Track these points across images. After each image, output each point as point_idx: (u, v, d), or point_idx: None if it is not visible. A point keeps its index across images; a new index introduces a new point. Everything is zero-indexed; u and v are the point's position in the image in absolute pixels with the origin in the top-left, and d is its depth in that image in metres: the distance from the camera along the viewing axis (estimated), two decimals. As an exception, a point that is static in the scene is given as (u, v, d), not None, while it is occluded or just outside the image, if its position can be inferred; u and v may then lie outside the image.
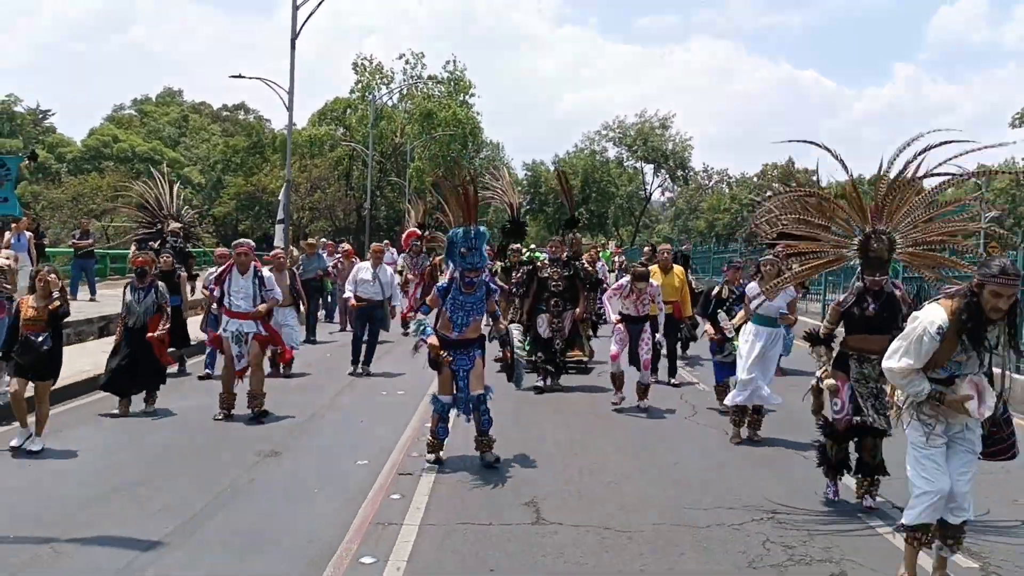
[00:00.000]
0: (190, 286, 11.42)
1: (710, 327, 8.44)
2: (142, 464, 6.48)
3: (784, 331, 7.94)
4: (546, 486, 5.98)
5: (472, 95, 56.21)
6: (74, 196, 41.61)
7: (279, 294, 8.80)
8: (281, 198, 24.12)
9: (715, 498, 5.77)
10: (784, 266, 7.13)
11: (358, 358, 11.03)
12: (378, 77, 55.12)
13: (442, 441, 6.59)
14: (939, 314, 4.12)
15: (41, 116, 63.94)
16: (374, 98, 50.60)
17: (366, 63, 55.18)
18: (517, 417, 8.18)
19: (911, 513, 4.27)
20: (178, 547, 4.69)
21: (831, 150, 5.86)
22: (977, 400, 4.13)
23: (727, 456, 7.12)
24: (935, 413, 4.24)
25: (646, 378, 8.92)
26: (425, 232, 15.92)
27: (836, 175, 5.89)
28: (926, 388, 4.18)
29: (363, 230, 42.68)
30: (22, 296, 7.10)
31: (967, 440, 4.30)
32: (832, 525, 5.27)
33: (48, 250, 18.27)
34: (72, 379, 9.07)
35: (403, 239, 16.43)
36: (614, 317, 8.88)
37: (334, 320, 16.77)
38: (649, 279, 8.97)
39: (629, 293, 8.78)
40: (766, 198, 7.55)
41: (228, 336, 8.16)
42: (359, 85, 54.93)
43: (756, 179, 62.52)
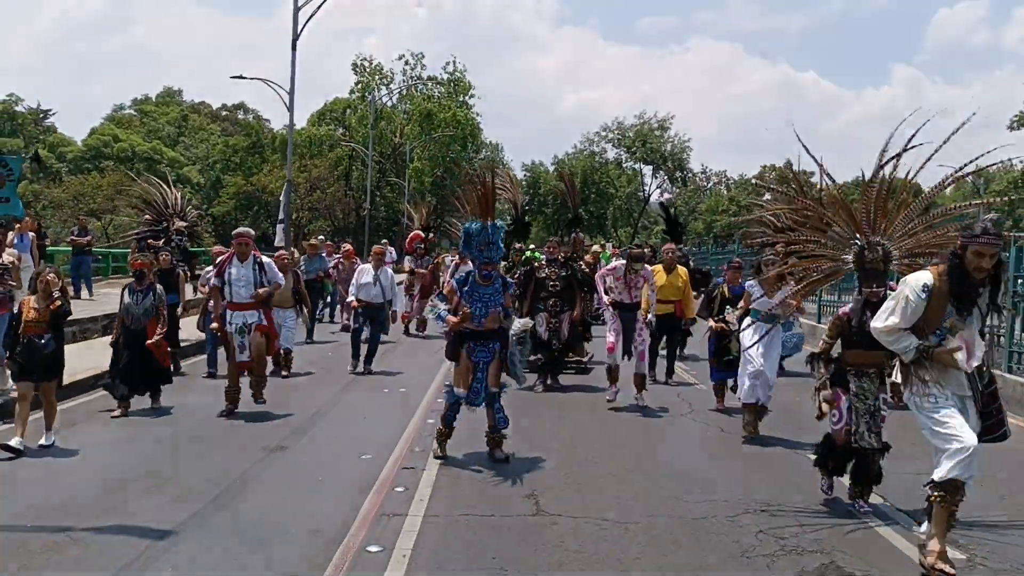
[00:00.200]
0: (190, 286, 11.48)
1: (713, 322, 8.57)
2: (150, 458, 6.63)
3: (784, 329, 7.92)
4: (546, 479, 6.15)
5: (472, 96, 56.52)
6: (75, 195, 41.75)
7: (282, 279, 8.88)
8: (282, 198, 24.23)
9: (710, 492, 5.93)
10: (782, 263, 7.16)
11: (358, 353, 11.04)
12: (377, 78, 55.35)
13: (452, 431, 6.69)
14: (925, 275, 4.30)
15: (42, 116, 64.03)
16: (373, 99, 50.75)
17: (366, 64, 55.46)
18: (517, 414, 8.29)
19: (940, 470, 4.24)
20: (191, 536, 4.84)
21: (816, 158, 6.02)
22: (966, 352, 4.21)
23: (722, 452, 7.29)
24: (931, 378, 4.30)
25: (643, 368, 9.02)
26: (429, 234, 16.06)
27: (836, 176, 5.97)
28: (913, 343, 4.30)
29: (362, 230, 42.83)
30: (24, 297, 7.08)
31: (968, 420, 4.37)
32: (824, 519, 5.42)
33: (49, 249, 18.43)
34: (80, 376, 9.22)
35: (407, 241, 16.56)
36: (605, 299, 8.97)
37: (335, 320, 16.90)
38: (644, 261, 9.06)
39: (622, 275, 8.86)
40: (764, 201, 7.65)
41: (232, 329, 8.24)
42: (359, 86, 55.15)
43: (754, 180, 62.66)
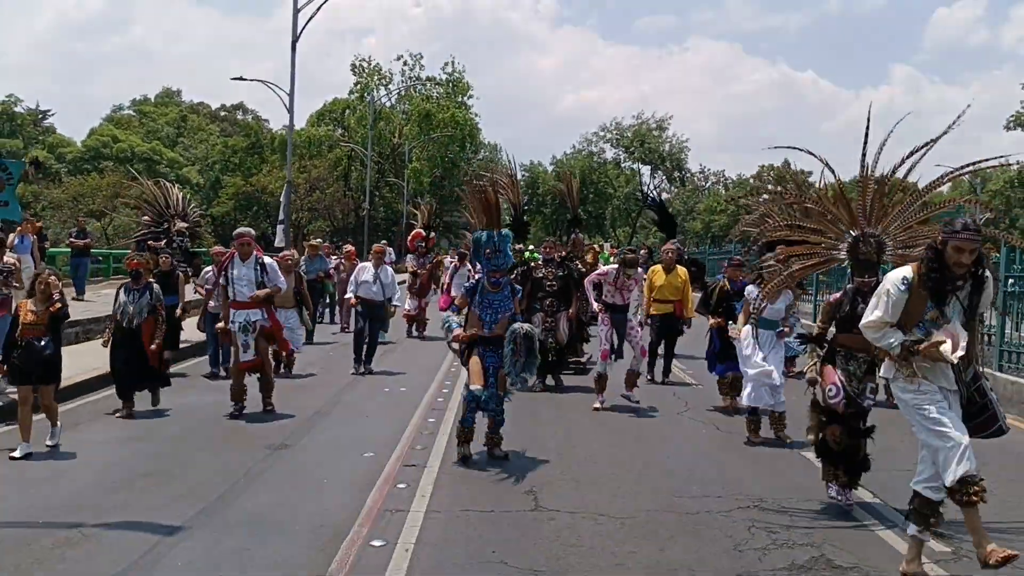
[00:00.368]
0: (190, 287, 11.52)
1: (713, 319, 8.66)
2: (155, 456, 6.77)
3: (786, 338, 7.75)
4: (544, 476, 6.30)
5: (471, 96, 56.67)
6: (74, 196, 41.82)
7: (283, 282, 8.97)
8: (282, 199, 24.37)
9: (704, 488, 6.08)
10: (783, 269, 7.25)
11: (360, 355, 11.15)
12: (376, 78, 55.49)
13: (471, 431, 6.72)
14: (906, 269, 4.44)
15: (41, 116, 64.12)
16: (372, 99, 50.87)
17: (364, 64, 55.60)
18: (516, 414, 8.43)
19: (948, 475, 4.24)
20: (199, 530, 4.99)
21: (818, 155, 6.14)
22: (951, 344, 4.26)
23: (718, 449, 7.44)
24: (919, 373, 4.38)
25: (638, 366, 9.08)
26: (430, 234, 16.18)
27: (833, 174, 6.10)
28: (898, 339, 4.39)
29: (361, 230, 42.96)
30: (21, 300, 7.02)
31: (952, 410, 4.43)
32: (815, 514, 5.56)
33: (49, 251, 18.56)
34: (84, 376, 9.36)
35: (409, 240, 16.68)
36: (596, 306, 9.03)
37: (334, 320, 17.01)
38: (638, 266, 9.16)
39: (615, 279, 8.94)
40: (760, 201, 7.73)
41: (235, 327, 8.33)
42: (358, 86, 55.29)
43: (752, 180, 62.80)
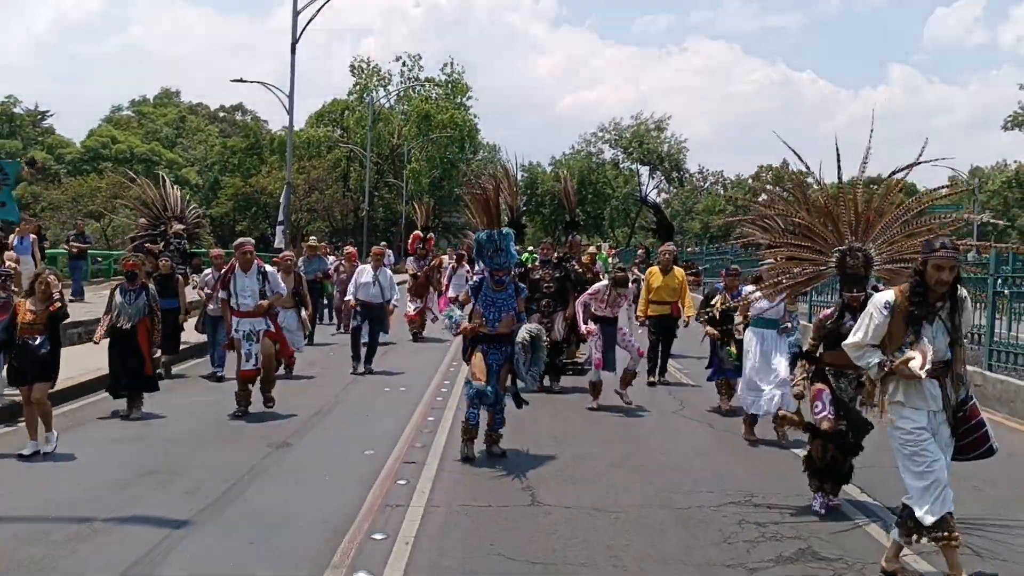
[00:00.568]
0: (190, 288, 11.64)
1: (710, 328, 8.76)
2: (160, 454, 6.91)
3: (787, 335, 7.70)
4: (541, 472, 6.46)
5: (470, 98, 56.86)
6: (74, 197, 42.01)
7: (283, 289, 9.10)
8: (281, 200, 24.50)
9: (697, 483, 6.25)
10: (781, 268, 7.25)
11: (358, 352, 11.23)
12: (375, 79, 55.65)
13: (476, 428, 6.81)
14: (889, 294, 4.59)
15: (40, 117, 64.24)
16: (371, 100, 51.03)
17: (363, 65, 55.76)
18: (513, 412, 8.59)
19: (925, 515, 4.35)
20: (206, 525, 5.15)
21: (805, 162, 6.29)
22: (921, 360, 4.37)
23: (711, 447, 7.60)
24: (901, 397, 4.49)
25: (635, 366, 9.15)
26: (428, 235, 16.26)
27: (831, 176, 6.18)
28: (876, 359, 4.54)
29: (361, 231, 43.11)
30: (18, 299, 7.01)
31: (940, 437, 4.58)
32: (804, 510, 5.68)
33: (49, 252, 18.70)
34: (87, 376, 9.47)
35: (410, 243, 16.77)
36: (584, 328, 9.01)
37: (332, 321, 16.98)
38: (628, 284, 9.26)
39: (606, 297, 9.03)
40: (756, 202, 7.82)
41: (239, 336, 8.48)
42: (357, 87, 55.45)
43: (751, 181, 63.01)
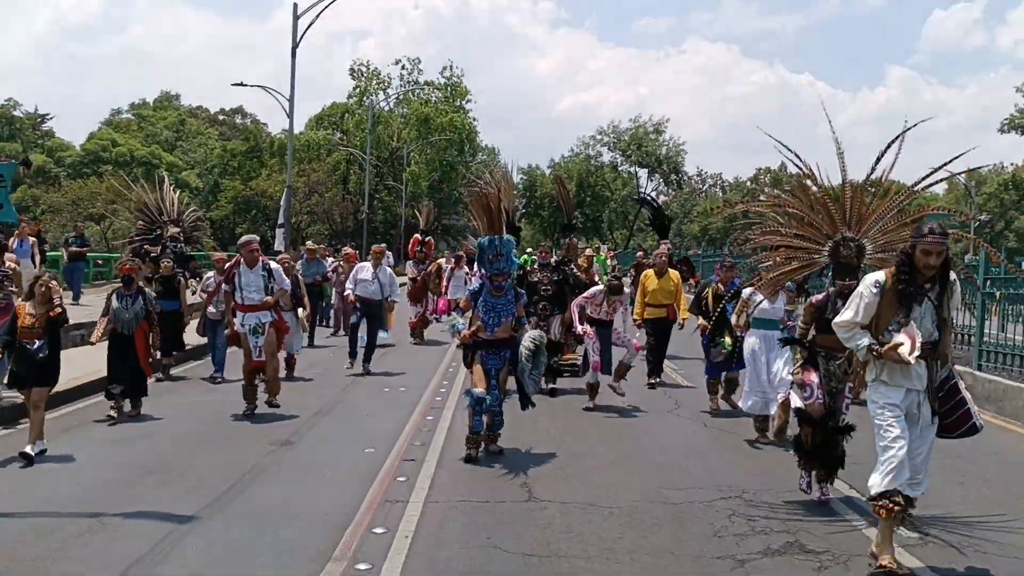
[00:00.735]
0: (189, 289, 11.75)
1: (702, 320, 8.91)
2: (164, 453, 7.05)
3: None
4: (538, 469, 6.61)
5: (469, 101, 57.03)
6: (73, 200, 42.08)
7: (288, 284, 9.22)
8: (282, 203, 24.63)
9: (690, 480, 6.39)
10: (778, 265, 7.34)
11: (355, 350, 11.36)
12: (375, 82, 55.82)
13: (479, 434, 6.90)
14: (879, 273, 4.71)
15: (40, 120, 64.37)
16: (371, 103, 51.19)
17: (363, 68, 55.93)
18: (510, 411, 8.74)
19: (876, 484, 4.53)
20: (211, 520, 5.30)
21: (801, 161, 6.42)
22: (910, 346, 4.49)
23: (704, 446, 7.75)
24: (884, 376, 4.61)
25: (631, 360, 9.25)
26: (426, 238, 16.40)
27: (830, 176, 6.31)
28: (866, 341, 4.65)
29: (360, 234, 43.25)
30: (18, 303, 7.01)
31: (922, 416, 4.71)
32: (793, 505, 5.84)
33: (49, 254, 18.82)
34: (88, 378, 9.55)
35: (409, 246, 16.91)
36: (579, 328, 9.13)
37: (328, 324, 17.09)
38: (623, 292, 9.39)
39: (601, 303, 9.16)
40: (755, 201, 7.94)
41: (246, 330, 8.57)
42: (356, 90, 55.60)
43: (749, 183, 63.23)
